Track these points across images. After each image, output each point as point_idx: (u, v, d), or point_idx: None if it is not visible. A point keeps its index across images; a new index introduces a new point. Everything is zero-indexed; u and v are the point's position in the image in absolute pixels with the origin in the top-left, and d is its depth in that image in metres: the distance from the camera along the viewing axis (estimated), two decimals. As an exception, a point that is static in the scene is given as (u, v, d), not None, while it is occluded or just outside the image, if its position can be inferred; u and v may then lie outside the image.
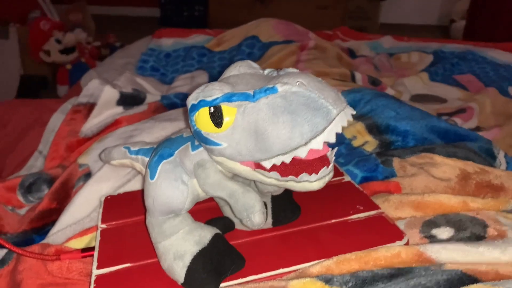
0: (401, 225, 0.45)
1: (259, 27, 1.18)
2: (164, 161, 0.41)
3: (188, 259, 0.38)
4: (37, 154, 0.78)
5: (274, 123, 0.33)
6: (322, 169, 0.36)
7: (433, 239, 0.43)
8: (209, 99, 0.35)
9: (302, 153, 0.33)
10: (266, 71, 0.39)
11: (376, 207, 0.47)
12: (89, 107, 0.80)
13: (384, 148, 0.60)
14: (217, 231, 0.41)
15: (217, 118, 0.35)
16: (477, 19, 2.48)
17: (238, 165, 0.37)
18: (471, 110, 0.85)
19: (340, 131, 0.33)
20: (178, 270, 0.38)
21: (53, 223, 0.56)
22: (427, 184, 0.50)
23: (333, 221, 0.46)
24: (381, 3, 3.03)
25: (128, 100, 0.84)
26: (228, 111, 0.35)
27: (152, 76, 1.12)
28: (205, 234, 0.40)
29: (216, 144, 0.36)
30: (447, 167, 0.51)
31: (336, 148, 0.38)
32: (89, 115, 0.79)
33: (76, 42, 2.08)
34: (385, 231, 0.44)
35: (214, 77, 1.05)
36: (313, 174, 0.35)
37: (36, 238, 0.57)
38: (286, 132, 0.32)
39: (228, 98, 0.35)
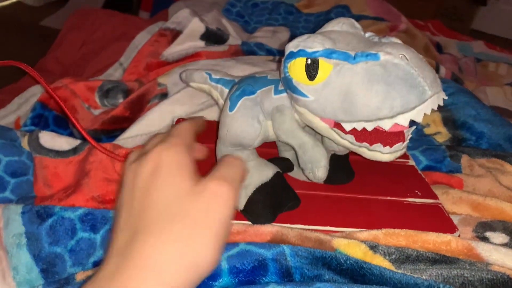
0: (455, 220, 0.45)
1: (352, -2, 1.15)
2: (246, 97, 0.42)
3: (250, 190, 0.40)
4: (117, 65, 0.82)
5: (367, 90, 0.33)
6: (397, 144, 0.36)
7: (485, 241, 0.42)
8: (309, 50, 0.35)
9: (386, 125, 0.34)
10: (367, 34, 0.39)
11: (434, 196, 0.47)
12: (175, 34, 0.83)
13: (455, 143, 0.59)
14: (278, 169, 0.43)
15: (311, 71, 0.35)
16: None
17: (317, 120, 0.38)
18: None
19: (429, 112, 0.33)
20: (239, 198, 0.40)
21: (122, 129, 0.60)
22: (492, 189, 0.49)
23: (388, 198, 0.46)
24: (480, 8, 2.85)
25: (212, 37, 0.85)
26: (324, 66, 0.35)
27: (236, 21, 1.13)
28: (268, 170, 0.42)
29: (304, 96, 0.37)
30: (517, 178, 0.50)
31: (414, 127, 0.38)
32: (173, 41, 0.82)
33: (167, -27, 2.11)
34: (438, 221, 0.43)
35: (296, 37, 1.05)
36: (387, 147, 0.36)
37: (104, 139, 0.61)
38: (377, 102, 0.33)
39: (328, 54, 0.35)
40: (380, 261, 0.37)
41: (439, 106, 0.55)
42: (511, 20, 3.11)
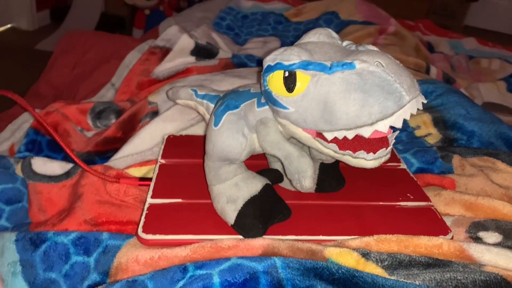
0: (448, 221, 0.45)
1: (340, 4, 1.16)
2: (230, 111, 0.43)
3: (240, 204, 0.40)
4: (109, 85, 0.82)
5: (345, 99, 0.33)
6: (380, 150, 0.36)
7: (478, 241, 0.42)
8: (286, 63, 0.36)
9: (366, 133, 0.34)
10: (345, 43, 0.39)
11: (426, 199, 0.47)
12: (165, 51, 0.84)
13: (447, 143, 0.59)
14: (268, 181, 0.43)
15: (290, 83, 0.36)
16: None
17: (299, 131, 0.38)
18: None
19: (408, 117, 0.33)
20: (229, 212, 0.41)
21: (115, 150, 0.60)
22: (484, 187, 0.49)
23: (380, 203, 0.46)
24: (471, 4, 2.86)
25: (202, 52, 0.86)
26: (302, 78, 0.35)
27: (226, 35, 1.14)
28: (256, 183, 0.42)
29: (284, 108, 0.37)
30: (509, 175, 0.50)
31: (397, 132, 0.38)
32: (163, 59, 0.83)
33: (158, -10, 2.14)
34: (431, 224, 0.43)
35: (286, 46, 1.05)
36: (371, 153, 0.36)
37: (98, 160, 0.62)
38: (355, 110, 0.33)
39: (305, 65, 0.35)
40: (372, 269, 0.37)
41: (429, 108, 0.55)
42: (503, 14, 3.12)
